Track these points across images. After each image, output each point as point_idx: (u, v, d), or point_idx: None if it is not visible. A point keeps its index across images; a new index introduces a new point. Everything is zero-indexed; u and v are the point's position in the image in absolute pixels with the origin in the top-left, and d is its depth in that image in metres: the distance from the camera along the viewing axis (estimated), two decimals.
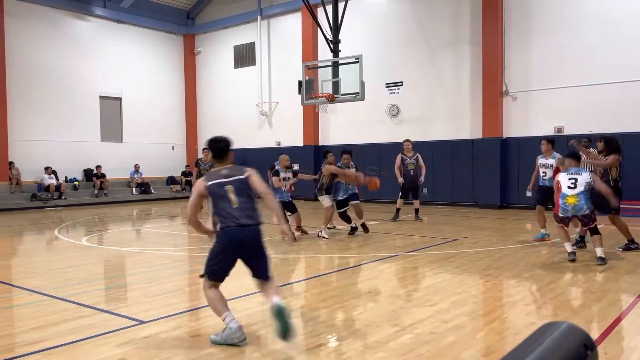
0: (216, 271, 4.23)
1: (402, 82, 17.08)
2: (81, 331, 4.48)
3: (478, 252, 8.05)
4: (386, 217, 12.76)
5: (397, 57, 17.24)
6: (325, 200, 9.87)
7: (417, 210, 12.36)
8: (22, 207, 16.87)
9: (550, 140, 9.35)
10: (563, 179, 7.23)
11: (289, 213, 9.64)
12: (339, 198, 10.06)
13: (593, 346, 1.51)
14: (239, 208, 4.19)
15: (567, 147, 9.20)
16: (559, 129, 14.19)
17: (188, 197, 8.25)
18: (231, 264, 4.26)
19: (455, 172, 16.08)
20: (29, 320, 4.86)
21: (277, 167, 9.77)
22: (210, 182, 4.25)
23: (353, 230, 10.23)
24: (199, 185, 4.30)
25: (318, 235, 9.82)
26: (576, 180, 7.11)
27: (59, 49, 19.11)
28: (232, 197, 4.21)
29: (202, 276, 4.30)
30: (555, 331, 1.52)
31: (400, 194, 12.37)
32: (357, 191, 10.47)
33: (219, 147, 4.43)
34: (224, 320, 4.15)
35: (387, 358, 3.80)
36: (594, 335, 4.24)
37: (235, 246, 4.18)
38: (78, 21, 19.78)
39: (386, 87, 17.38)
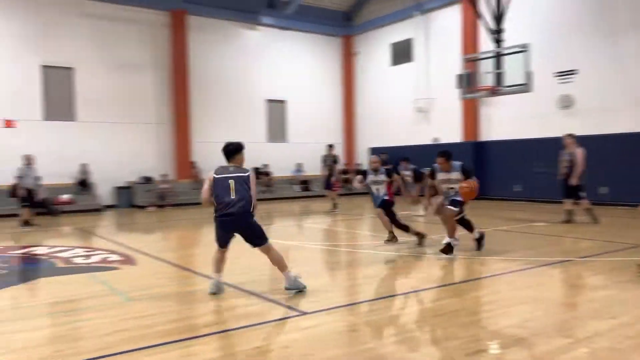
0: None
1: (575, 70, 15.56)
2: (251, 317, 4.85)
3: None
4: (555, 218, 11.74)
5: (567, 43, 15.74)
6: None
7: (587, 211, 11.08)
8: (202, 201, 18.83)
9: None
10: None
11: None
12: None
13: None
14: (235, 198, 5.52)
15: None
16: None
17: (346, 195, 8.51)
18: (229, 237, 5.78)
19: None
20: (207, 303, 5.40)
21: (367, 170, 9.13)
22: (218, 175, 5.62)
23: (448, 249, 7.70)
24: (210, 176, 5.70)
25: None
26: None
27: (232, 57, 20.94)
28: (232, 188, 5.54)
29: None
30: None
31: (564, 193, 11.25)
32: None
33: (227, 150, 5.81)
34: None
35: None
36: None
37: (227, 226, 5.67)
38: (248, 31, 21.48)
39: (556, 76, 15.97)
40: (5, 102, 16.57)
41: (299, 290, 5.64)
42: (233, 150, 5.82)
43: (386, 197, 8.77)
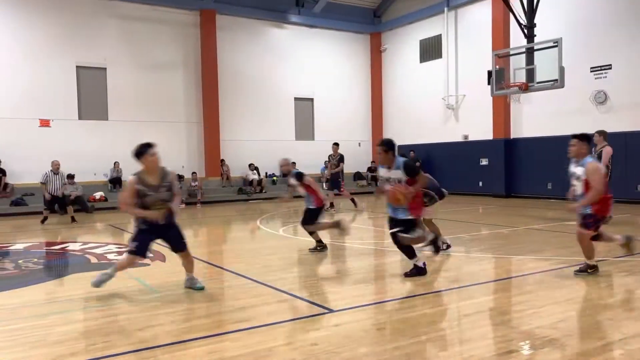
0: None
1: (610, 65, 15.14)
2: (279, 314, 4.89)
3: None
4: None
5: (602, 38, 15.32)
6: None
7: None
8: (230, 199, 19.06)
9: None
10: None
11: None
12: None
13: None
14: None
15: None
16: None
17: (372, 192, 8.47)
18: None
19: None
20: (236, 300, 5.45)
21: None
22: None
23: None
24: None
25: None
26: None
27: (260, 56, 21.07)
28: None
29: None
30: None
31: None
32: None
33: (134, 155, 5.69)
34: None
35: None
36: None
37: None
38: (276, 30, 21.57)
39: (591, 71, 15.57)
40: (42, 101, 17.04)
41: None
42: (135, 155, 5.85)
43: (312, 207, 8.04)
